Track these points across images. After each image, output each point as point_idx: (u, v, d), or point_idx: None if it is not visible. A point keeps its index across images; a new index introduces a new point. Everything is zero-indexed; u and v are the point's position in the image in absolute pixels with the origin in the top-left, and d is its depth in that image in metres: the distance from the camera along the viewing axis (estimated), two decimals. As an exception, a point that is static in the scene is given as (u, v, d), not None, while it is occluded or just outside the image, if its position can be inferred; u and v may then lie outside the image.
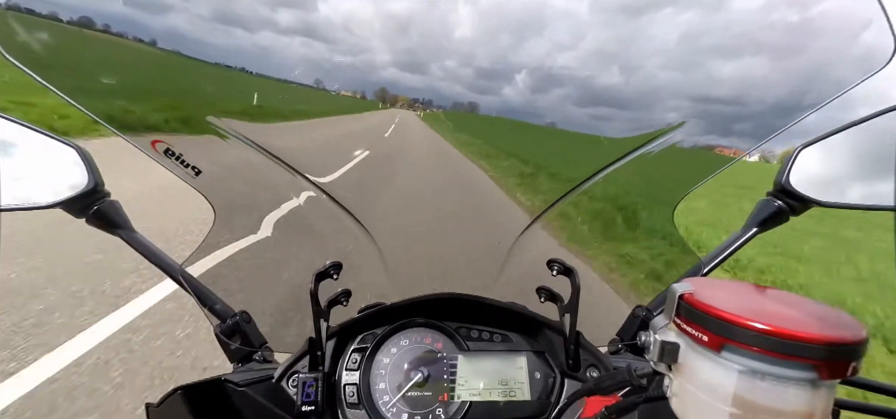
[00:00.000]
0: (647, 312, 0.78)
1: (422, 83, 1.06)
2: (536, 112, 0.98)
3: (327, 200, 0.85)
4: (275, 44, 0.87)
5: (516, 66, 0.91)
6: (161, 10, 0.75)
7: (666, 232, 0.87)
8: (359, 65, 0.97)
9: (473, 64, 1.01)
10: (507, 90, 0.95)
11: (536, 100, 0.92)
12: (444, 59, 1.01)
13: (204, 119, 0.76)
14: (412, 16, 0.90)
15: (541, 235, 0.90)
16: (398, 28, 0.92)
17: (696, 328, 0.36)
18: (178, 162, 0.71)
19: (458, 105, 1.14)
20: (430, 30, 0.97)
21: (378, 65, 0.97)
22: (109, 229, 0.70)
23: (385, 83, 1.10)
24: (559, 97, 0.91)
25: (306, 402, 0.67)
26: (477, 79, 1.01)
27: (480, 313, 0.78)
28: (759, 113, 0.76)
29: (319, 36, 0.92)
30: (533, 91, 0.90)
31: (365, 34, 0.91)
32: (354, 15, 0.91)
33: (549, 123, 1.00)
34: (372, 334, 0.77)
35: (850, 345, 0.31)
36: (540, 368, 0.74)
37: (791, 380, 0.32)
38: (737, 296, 0.38)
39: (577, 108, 0.90)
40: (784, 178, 0.73)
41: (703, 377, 0.36)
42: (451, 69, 1.03)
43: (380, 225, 0.88)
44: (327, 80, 0.93)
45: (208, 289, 0.77)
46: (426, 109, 1.27)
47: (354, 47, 0.94)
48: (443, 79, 1.04)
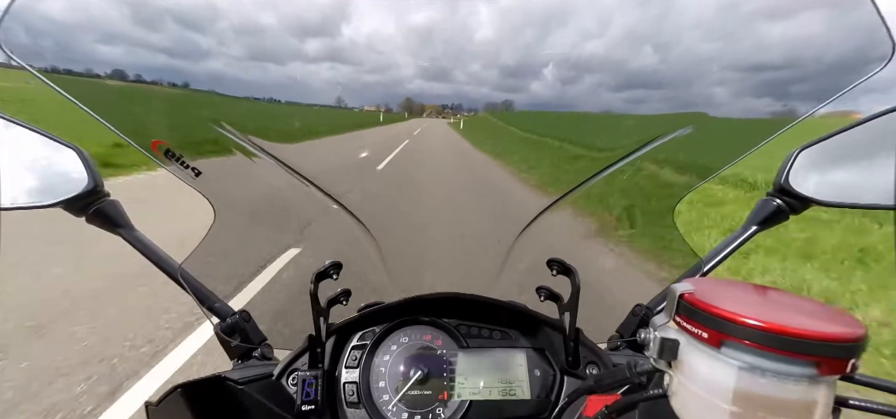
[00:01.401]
0: (646, 310, 0.78)
1: (448, 90, 1.06)
2: (568, 103, 0.97)
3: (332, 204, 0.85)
4: (303, 72, 0.89)
5: (543, 60, 0.91)
6: (198, 57, 0.78)
7: (666, 232, 0.87)
8: (385, 81, 0.98)
9: (498, 64, 1.01)
10: (535, 85, 0.95)
11: (567, 91, 0.92)
12: (468, 63, 1.01)
13: (212, 125, 0.77)
14: (433, 25, 0.91)
15: (541, 234, 0.90)
16: (420, 39, 0.92)
17: (696, 325, 0.36)
18: (178, 162, 0.71)
19: (490, 105, 1.14)
20: (452, 36, 0.97)
21: (403, 78, 0.97)
22: (110, 228, 0.70)
23: (411, 95, 1.10)
24: (591, 85, 0.90)
25: (306, 400, 0.67)
26: (503, 78, 1.02)
27: (480, 311, 0.78)
28: (816, 73, 0.73)
29: (345, 59, 0.94)
30: (563, 82, 0.89)
31: (389, 49, 0.91)
32: (377, 33, 0.92)
33: (582, 112, 1.00)
34: (371, 332, 0.77)
35: (848, 341, 0.32)
36: (540, 366, 0.74)
37: (790, 376, 0.32)
38: (736, 294, 0.38)
39: (611, 94, 0.89)
40: (783, 177, 0.73)
41: (703, 374, 0.36)
42: (475, 72, 1.03)
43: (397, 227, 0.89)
44: (354, 98, 0.96)
45: (207, 288, 0.77)
46: (455, 115, 1.26)
47: (380, 65, 0.95)
48: (468, 83, 1.05)
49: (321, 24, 0.87)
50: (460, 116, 1.30)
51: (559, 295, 0.72)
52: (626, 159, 0.84)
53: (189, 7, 0.78)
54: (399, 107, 1.15)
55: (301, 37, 0.84)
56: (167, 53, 0.70)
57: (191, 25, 0.77)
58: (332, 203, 0.87)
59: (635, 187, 0.92)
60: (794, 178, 0.72)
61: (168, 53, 0.70)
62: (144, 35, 0.66)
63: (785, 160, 0.74)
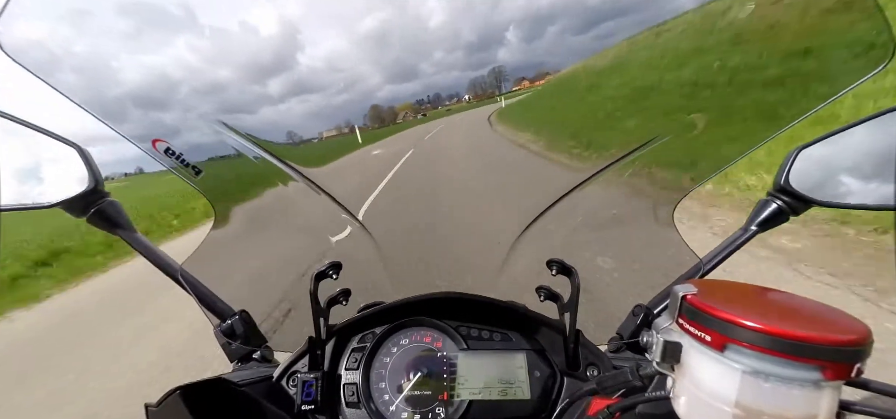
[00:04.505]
0: (646, 310, 0.78)
1: (418, 86, 1.05)
2: (538, 61, 0.96)
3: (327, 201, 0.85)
4: (275, 114, 0.87)
5: (502, 25, 0.90)
6: (170, 133, 0.75)
7: (666, 232, 0.87)
8: (355, 97, 0.97)
9: (461, 44, 1.00)
10: (502, 53, 0.95)
11: (534, 49, 0.91)
12: (430, 52, 1.00)
13: (213, 125, 0.76)
14: (385, 27, 0.91)
15: (541, 234, 0.90)
16: (377, 44, 0.92)
17: (700, 328, 0.36)
18: (178, 162, 0.71)
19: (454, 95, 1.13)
20: (407, 31, 0.97)
21: (372, 87, 0.97)
22: (110, 229, 0.70)
23: (384, 102, 1.09)
24: (556, 35, 0.89)
25: (306, 402, 0.67)
26: (469, 56, 1.01)
27: (480, 312, 0.78)
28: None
29: (311, 87, 0.92)
30: (528, 41, 0.89)
31: (349, 64, 0.91)
32: (333, 52, 0.91)
33: (554, 67, 0.99)
34: (371, 333, 0.77)
35: (854, 345, 0.31)
36: (540, 367, 0.74)
37: (794, 380, 0.32)
38: (740, 297, 0.38)
39: (577, 38, 0.88)
40: (783, 177, 0.73)
41: (706, 377, 0.36)
42: (440, 59, 1.02)
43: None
44: (327, 122, 0.94)
45: (208, 288, 0.77)
46: (433, 108, 1.24)
47: (346, 82, 0.93)
48: (436, 72, 1.04)
49: (277, 62, 0.86)
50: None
51: (559, 295, 0.72)
52: (625, 159, 0.84)
53: (146, 87, 0.75)
54: (369, 120, 1.12)
55: (262, 81, 0.83)
56: (138, 138, 0.68)
57: (154, 105, 0.75)
58: (332, 203, 0.86)
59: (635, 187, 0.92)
60: (794, 178, 0.72)
61: (139, 138, 0.68)
62: (115, 126, 0.64)
63: (785, 160, 0.73)
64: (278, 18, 0.83)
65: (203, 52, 0.76)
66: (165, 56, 0.73)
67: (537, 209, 0.89)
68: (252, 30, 0.79)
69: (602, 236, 1.16)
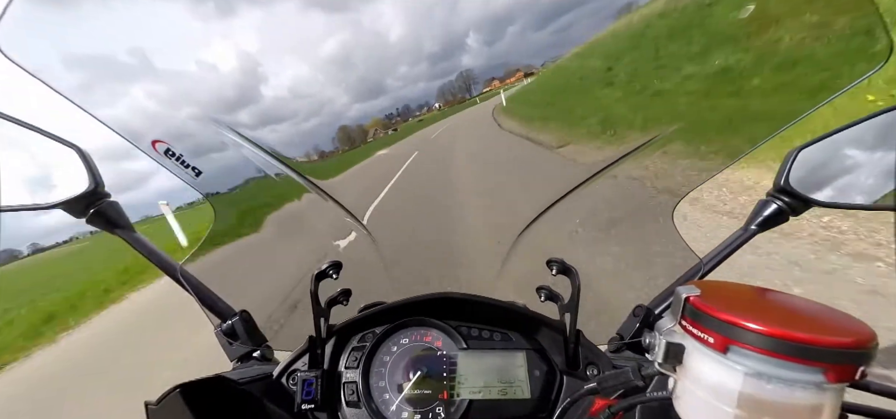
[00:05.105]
0: (647, 311, 0.78)
1: (386, 101, 1.05)
2: (501, 60, 0.97)
3: (328, 201, 0.85)
4: (245, 151, 0.84)
5: (462, 31, 0.90)
6: (140, 183, 0.75)
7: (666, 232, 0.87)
8: (324, 120, 0.96)
9: (423, 54, 1.00)
10: (466, 58, 0.95)
11: (496, 50, 0.91)
12: (395, 66, 1.00)
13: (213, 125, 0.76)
14: (345, 47, 0.90)
15: (541, 234, 0.90)
16: (340, 66, 0.91)
17: (703, 330, 0.36)
18: (178, 162, 0.71)
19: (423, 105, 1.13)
20: (368, 48, 0.96)
21: (341, 109, 0.96)
22: (110, 229, 0.70)
23: (353, 121, 1.08)
24: (516, 34, 0.90)
25: (306, 400, 0.67)
26: (434, 65, 1.01)
27: (480, 312, 0.78)
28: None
29: (279, 116, 0.91)
30: (489, 44, 0.89)
31: (315, 90, 0.90)
32: (296, 78, 0.90)
33: (518, 66, 0.99)
34: (372, 333, 0.77)
35: (858, 348, 0.31)
36: (539, 366, 0.74)
37: (797, 383, 0.32)
38: (743, 298, 0.38)
39: (538, 34, 0.89)
40: (783, 178, 0.73)
41: (709, 379, 0.36)
42: (406, 72, 1.02)
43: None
44: (299, 150, 0.92)
45: (208, 288, 0.77)
46: (403, 121, 1.23)
47: (313, 107, 0.92)
48: (403, 85, 1.04)
49: (241, 96, 0.84)
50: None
51: (559, 295, 0.72)
52: (625, 159, 0.84)
53: (113, 143, 0.75)
54: (340, 141, 1.09)
55: (230, 115, 0.81)
56: (138, 139, 0.67)
57: (122, 157, 0.75)
58: (332, 203, 0.87)
59: (635, 187, 0.92)
60: (794, 178, 0.72)
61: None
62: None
63: (784, 160, 0.74)
64: (236, 54, 0.82)
65: (161, 97, 0.76)
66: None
67: (537, 209, 0.89)
68: (211, 68, 0.78)
69: (602, 236, 1.16)
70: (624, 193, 0.93)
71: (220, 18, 0.78)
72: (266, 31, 0.85)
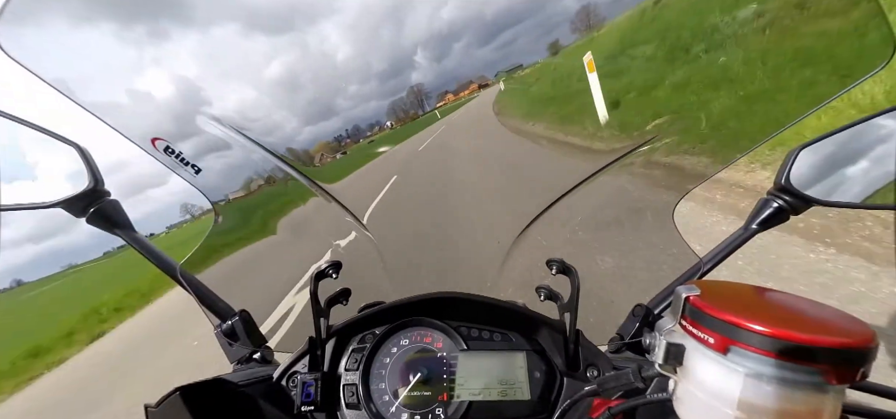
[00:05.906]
0: (646, 310, 0.78)
1: (337, 123, 1.04)
2: (450, 76, 0.97)
3: (329, 200, 0.85)
4: (192, 179, 0.79)
5: (410, 49, 0.90)
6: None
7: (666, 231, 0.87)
8: (275, 142, 0.90)
9: (372, 73, 1.00)
10: (415, 75, 0.95)
11: (444, 66, 0.92)
12: (344, 87, 1.00)
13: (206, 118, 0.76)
14: (292, 69, 0.89)
15: (541, 234, 0.90)
16: (287, 89, 0.90)
17: (703, 330, 0.36)
18: (177, 160, 0.71)
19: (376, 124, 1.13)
20: (316, 70, 0.95)
21: (291, 133, 0.93)
22: (110, 228, 0.70)
23: (302, 145, 1.03)
24: (462, 50, 0.90)
25: (306, 402, 0.67)
26: (383, 84, 1.00)
27: (480, 312, 0.77)
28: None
29: (224, 143, 0.85)
30: (437, 60, 0.89)
31: (262, 114, 0.88)
32: (242, 102, 0.87)
33: (471, 79, 1.00)
34: (371, 334, 0.76)
35: (858, 349, 0.31)
36: (539, 367, 0.74)
37: (798, 384, 0.32)
38: (744, 299, 0.38)
39: (483, 50, 0.90)
40: (784, 177, 0.73)
41: (709, 380, 0.36)
42: (356, 91, 1.01)
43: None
44: (251, 172, 0.89)
45: (208, 288, 0.77)
46: (355, 141, 1.20)
47: (262, 131, 0.88)
48: (354, 105, 1.03)
49: (183, 125, 0.79)
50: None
51: (559, 294, 0.71)
52: (624, 159, 0.84)
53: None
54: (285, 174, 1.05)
55: (174, 143, 0.75)
56: (137, 136, 0.67)
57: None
58: (332, 202, 0.86)
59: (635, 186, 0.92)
60: (794, 177, 0.72)
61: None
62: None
63: (785, 159, 0.73)
64: (171, 79, 0.78)
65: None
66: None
67: (537, 208, 0.88)
68: (144, 97, 0.75)
69: (602, 236, 1.16)
70: (624, 193, 0.92)
71: (157, 44, 0.74)
72: (207, 54, 0.82)
